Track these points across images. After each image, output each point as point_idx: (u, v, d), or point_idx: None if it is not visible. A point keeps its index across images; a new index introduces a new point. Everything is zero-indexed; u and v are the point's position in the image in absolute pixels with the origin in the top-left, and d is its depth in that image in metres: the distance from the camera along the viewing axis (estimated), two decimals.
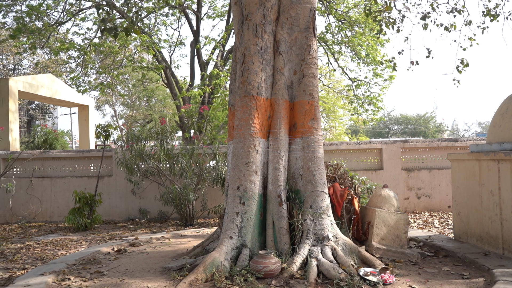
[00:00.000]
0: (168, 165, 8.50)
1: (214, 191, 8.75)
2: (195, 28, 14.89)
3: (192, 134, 10.90)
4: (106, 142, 8.67)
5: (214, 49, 14.27)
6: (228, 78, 11.18)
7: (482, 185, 5.20)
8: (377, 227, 5.07)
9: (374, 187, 6.70)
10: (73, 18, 13.24)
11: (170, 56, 16.49)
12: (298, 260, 4.27)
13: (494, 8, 7.25)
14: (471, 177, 5.42)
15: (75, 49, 13.68)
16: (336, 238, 4.60)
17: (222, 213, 5.23)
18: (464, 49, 7.57)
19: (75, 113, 32.42)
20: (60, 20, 12.66)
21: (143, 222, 8.78)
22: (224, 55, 14.55)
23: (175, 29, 15.63)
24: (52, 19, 13.17)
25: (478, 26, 7.48)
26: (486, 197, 5.12)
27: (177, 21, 15.68)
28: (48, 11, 12.95)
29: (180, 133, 16.42)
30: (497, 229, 4.93)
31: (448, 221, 7.70)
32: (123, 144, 8.70)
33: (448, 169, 8.73)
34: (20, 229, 8.32)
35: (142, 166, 8.66)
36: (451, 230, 6.61)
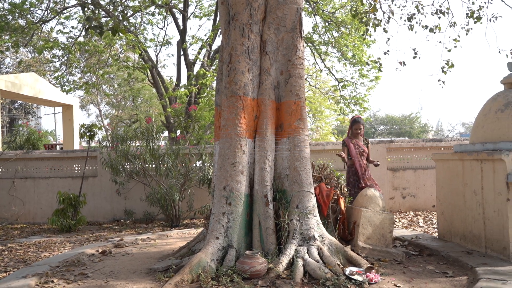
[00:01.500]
0: (154, 166, 8.45)
1: (200, 192, 8.72)
2: (181, 27, 14.82)
3: (178, 134, 10.84)
4: (90, 142, 8.58)
5: (200, 48, 14.22)
6: (215, 78, 11.16)
7: (465, 184, 5.28)
8: (363, 227, 5.11)
9: None
10: (57, 16, 13.06)
11: (156, 56, 16.40)
12: (285, 260, 4.28)
13: (477, 10, 7.36)
14: (455, 177, 5.50)
15: (60, 47, 13.51)
16: (322, 238, 4.62)
17: (208, 213, 5.21)
18: (449, 50, 7.68)
19: (59, 112, 32.01)
20: (44, 18, 12.49)
21: (129, 223, 8.71)
22: (210, 55, 14.51)
23: (162, 28, 15.58)
24: (35, 17, 12.98)
25: (462, 28, 7.59)
26: (470, 196, 5.20)
27: (164, 20, 15.61)
28: (31, 8, 12.75)
29: (166, 133, 16.33)
30: (480, 228, 5.01)
31: (432, 221, 7.80)
32: (108, 144, 8.61)
33: (432, 169, 8.85)
34: (2, 231, 8.17)
35: (128, 166, 8.59)
36: (436, 229, 6.70)
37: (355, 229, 5.18)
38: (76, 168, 9.36)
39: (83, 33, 13.57)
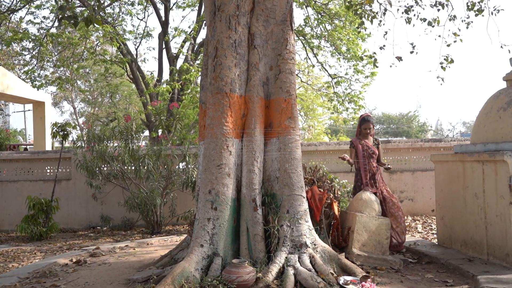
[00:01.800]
0: (133, 168, 8.40)
1: (183, 196, 8.69)
2: (163, 18, 14.74)
3: (160, 134, 10.79)
4: (64, 142, 8.49)
5: (184, 41, 14.17)
6: (199, 73, 11.13)
7: (466, 187, 5.34)
8: (357, 233, 5.14)
9: None
10: (27, 5, 12.90)
11: (136, 49, 16.30)
12: (274, 269, 4.28)
13: (478, 3, 7.46)
14: (455, 180, 5.56)
15: (30, 39, 13.33)
16: (315, 245, 4.63)
17: (192, 219, 5.19)
18: (448, 45, 7.76)
19: (29, 110, 31.59)
20: (12, 7, 12.32)
21: (106, 230, 8.64)
22: (195, 49, 14.46)
23: (142, 20, 15.47)
24: (3, 5, 12.80)
25: (462, 21, 7.67)
26: (471, 200, 5.26)
27: (144, 10, 15.52)
28: None
29: (146, 133, 16.21)
30: (482, 233, 5.07)
31: (431, 226, 7.88)
32: (83, 145, 8.54)
33: (431, 171, 8.94)
34: None
35: (105, 168, 8.53)
36: (435, 235, 6.76)
37: (349, 235, 5.21)
38: (48, 171, 9.25)
39: (56, 23, 13.42)
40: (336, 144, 9.42)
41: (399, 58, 7.68)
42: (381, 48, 7.91)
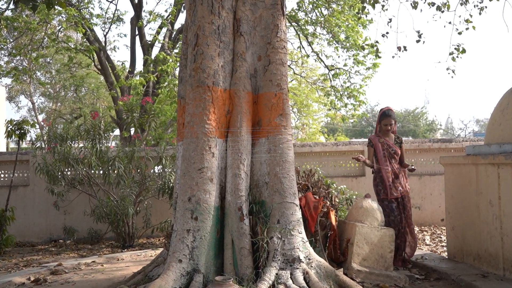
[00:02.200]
0: (101, 172, 8.35)
1: (159, 204, 8.66)
2: (136, 1, 14.67)
3: (132, 133, 10.72)
4: (21, 142, 8.40)
5: (160, 27, 14.10)
6: (178, 64, 11.09)
7: (479, 194, 5.40)
8: (357, 246, 5.17)
9: (354, 197, 6.83)
10: None
11: (105, 36, 16.15)
12: (263, 287, 4.28)
13: None
14: (467, 185, 5.62)
15: None
16: (309, 259, 4.65)
17: (170, 230, 5.18)
18: (459, 33, 7.84)
19: None
20: None
21: (69, 244, 8.58)
22: (173, 36, 14.39)
23: (111, 2, 15.34)
24: None
25: (475, 6, 7.77)
26: (485, 208, 5.32)
27: None
28: None
29: (117, 132, 16.10)
30: (497, 246, 5.13)
31: (441, 237, 7.95)
32: (43, 145, 8.46)
33: (441, 175, 9.02)
34: None
35: (68, 173, 8.46)
36: (445, 248, 6.83)
37: (348, 248, 5.24)
38: (2, 175, 9.15)
39: (11, 6, 13.27)
40: (334, 145, 9.47)
41: (403, 48, 7.74)
42: (383, 35, 7.97)
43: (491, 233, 5.22)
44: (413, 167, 5.98)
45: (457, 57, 7.83)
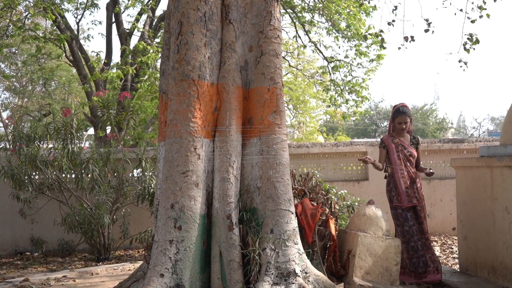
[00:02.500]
0: (73, 176, 8.31)
1: (139, 212, 8.63)
2: None
3: (108, 132, 10.68)
4: None
5: (140, 14, 14.06)
6: (159, 55, 11.06)
7: (495, 199, 5.44)
8: (360, 258, 5.18)
9: (356, 204, 6.85)
10: None
11: (78, 23, 16.12)
12: None
13: None
14: (481, 190, 5.65)
15: None
16: (306, 273, 4.65)
17: (150, 241, 5.16)
18: (472, 21, 7.88)
19: None
20: None
21: (37, 256, 8.53)
22: (154, 23, 14.35)
23: None
24: None
25: None
26: (501, 215, 5.36)
27: None
28: None
29: (91, 131, 16.03)
30: None
31: (452, 248, 8.00)
32: (8, 146, 8.41)
33: (452, 179, 9.06)
34: None
35: (36, 177, 8.40)
36: (456, 260, 6.86)
37: (349, 260, 5.25)
38: None
39: None
40: (333, 145, 9.49)
41: (410, 38, 7.77)
42: (389, 24, 8.00)
43: (508, 243, 5.26)
44: (431, 170, 5.88)
45: (470, 48, 7.87)
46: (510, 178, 5.22)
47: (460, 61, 8.12)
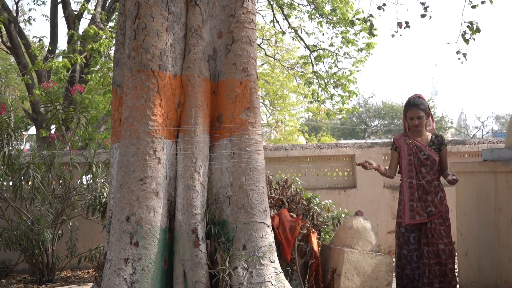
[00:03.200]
0: (11, 183, 8.19)
1: (88, 225, 8.55)
2: None
3: (53, 132, 10.55)
4: None
5: None
6: (114, 41, 10.99)
7: (499, 210, 5.51)
8: (346, 277, 5.21)
9: (342, 215, 6.88)
10: None
11: (17, 3, 15.92)
12: None
13: None
14: (484, 198, 5.73)
15: None
16: None
17: (102, 260, 5.12)
18: (473, 7, 7.99)
19: None
20: None
21: None
22: (107, 4, 14.24)
23: None
24: None
25: None
26: (505, 227, 5.43)
27: None
28: None
29: (32, 130, 15.83)
30: None
31: None
32: None
33: (452, 186, 9.18)
34: None
35: None
36: (457, 278, 6.95)
37: (334, 280, 5.27)
38: None
39: None
40: (316, 147, 9.53)
41: (404, 24, 7.83)
42: (380, 8, 8.06)
43: None
44: (454, 177, 5.55)
45: (470, 38, 7.97)
46: None
47: (458, 52, 8.24)
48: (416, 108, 5.65)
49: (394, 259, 5.90)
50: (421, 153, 5.61)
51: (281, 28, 14.57)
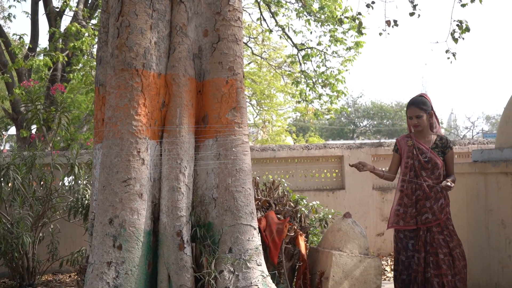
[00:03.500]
0: None
1: (70, 228, 8.51)
2: None
3: (34, 132, 10.51)
4: None
5: None
6: (96, 39, 10.95)
7: (489, 211, 5.54)
8: (334, 280, 5.22)
9: (330, 217, 6.90)
10: None
11: None
12: None
13: None
14: (474, 200, 5.76)
15: None
16: None
17: (84, 264, 5.10)
18: (463, 5, 8.03)
19: None
20: None
21: None
22: (89, 2, 14.18)
23: None
24: None
25: None
26: (496, 230, 5.47)
27: None
28: None
29: (12, 130, 15.73)
30: (511, 278, 5.28)
31: None
32: None
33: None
34: None
35: None
36: None
37: (322, 284, 5.28)
38: None
39: None
40: (304, 148, 9.55)
41: (392, 23, 7.86)
42: (368, 6, 8.09)
43: (503, 262, 5.37)
44: (448, 183, 5.16)
45: (460, 37, 8.01)
46: (506, 187, 5.33)
47: (447, 51, 8.26)
48: (414, 106, 5.42)
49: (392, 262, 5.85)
50: (422, 156, 5.37)
51: (268, 26, 14.58)
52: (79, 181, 8.07)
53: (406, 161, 5.42)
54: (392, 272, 5.68)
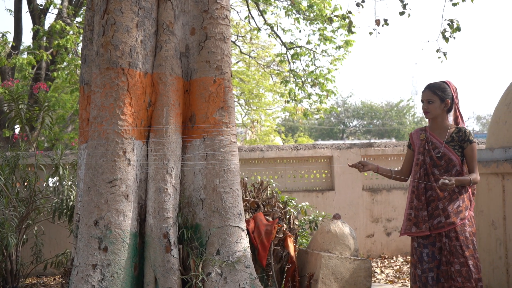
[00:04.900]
0: None
1: (55, 230, 8.48)
2: None
3: (17, 132, 10.46)
4: None
5: None
6: (81, 37, 10.92)
7: (480, 212, 5.57)
8: (323, 283, 5.23)
9: (320, 218, 6.91)
10: None
11: None
12: None
13: None
14: None
15: None
16: None
17: (69, 266, 5.09)
18: (454, 4, 8.07)
19: None
20: None
21: None
22: None
23: None
24: None
25: None
26: (486, 231, 5.49)
27: None
28: None
29: None
30: (502, 279, 5.31)
31: None
32: None
33: None
34: None
35: None
36: None
37: (311, 286, 5.28)
38: None
39: None
40: (293, 149, 9.55)
41: (382, 22, 7.88)
42: (358, 5, 8.10)
43: (494, 263, 5.39)
44: (446, 180, 4.28)
45: (450, 36, 8.05)
46: (497, 187, 5.35)
47: (438, 50, 8.30)
48: (428, 89, 4.73)
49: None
50: (435, 151, 4.62)
51: (256, 24, 14.58)
52: (64, 182, 8.04)
53: (417, 158, 4.69)
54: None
